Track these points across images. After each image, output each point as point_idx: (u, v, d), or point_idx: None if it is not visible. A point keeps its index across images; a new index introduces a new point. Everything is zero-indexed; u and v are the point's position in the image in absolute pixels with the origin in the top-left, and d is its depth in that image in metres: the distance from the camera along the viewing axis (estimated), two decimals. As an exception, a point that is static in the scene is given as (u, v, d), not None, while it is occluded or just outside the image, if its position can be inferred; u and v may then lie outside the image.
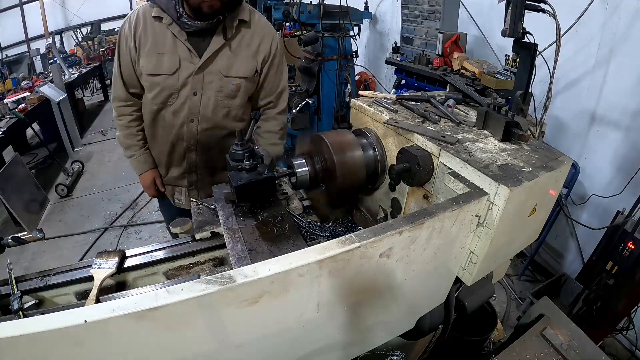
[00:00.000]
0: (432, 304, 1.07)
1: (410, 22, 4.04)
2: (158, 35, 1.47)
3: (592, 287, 2.26)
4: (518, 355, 1.12)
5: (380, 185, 1.28)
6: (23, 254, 3.42)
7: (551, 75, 1.11)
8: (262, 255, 0.97)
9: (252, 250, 0.99)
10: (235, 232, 1.06)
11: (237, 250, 0.99)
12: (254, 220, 1.11)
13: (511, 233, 0.98)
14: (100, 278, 1.09)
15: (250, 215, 1.13)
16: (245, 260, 0.95)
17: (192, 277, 1.10)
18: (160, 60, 1.48)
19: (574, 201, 2.74)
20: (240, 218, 1.12)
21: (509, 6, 1.06)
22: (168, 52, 1.48)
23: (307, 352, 0.84)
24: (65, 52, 8.31)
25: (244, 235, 1.05)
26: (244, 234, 1.05)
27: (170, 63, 1.48)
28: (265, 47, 1.59)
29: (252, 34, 1.57)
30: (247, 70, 1.58)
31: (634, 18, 2.22)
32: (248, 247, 0.99)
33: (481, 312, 1.88)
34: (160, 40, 1.47)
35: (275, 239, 1.04)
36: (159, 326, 0.59)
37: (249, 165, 1.09)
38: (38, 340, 0.53)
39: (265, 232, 1.07)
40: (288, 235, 1.06)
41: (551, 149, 1.06)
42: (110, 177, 4.99)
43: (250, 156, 1.10)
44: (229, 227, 1.08)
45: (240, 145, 1.11)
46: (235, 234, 1.05)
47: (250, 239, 1.03)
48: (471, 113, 1.30)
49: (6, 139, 4.00)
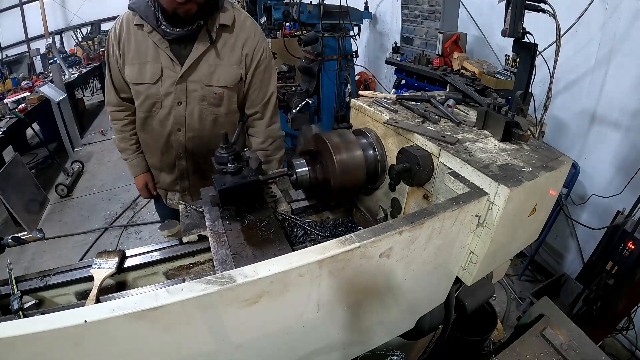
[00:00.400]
0: (432, 304, 1.07)
1: (410, 22, 4.04)
2: (140, 44, 1.45)
3: (592, 287, 2.26)
4: (518, 355, 1.12)
5: (380, 185, 1.28)
6: (23, 254, 3.42)
7: (551, 75, 1.11)
8: (246, 259, 0.96)
9: (236, 254, 0.98)
10: (220, 236, 1.05)
11: (221, 255, 0.98)
12: (240, 224, 1.11)
13: (511, 233, 0.98)
14: (100, 278, 1.09)
15: (237, 219, 1.12)
16: (229, 264, 0.94)
17: (177, 282, 1.10)
18: (143, 69, 1.46)
19: (574, 201, 2.74)
20: (227, 221, 1.11)
21: (509, 6, 1.06)
22: (150, 61, 1.45)
23: (307, 352, 0.84)
24: (65, 52, 8.31)
25: (229, 239, 1.04)
26: (229, 237, 1.05)
27: (152, 72, 1.46)
28: (249, 53, 1.52)
29: (235, 39, 1.49)
30: (230, 78, 1.52)
31: (634, 18, 2.22)
32: (232, 252, 0.99)
33: (481, 312, 1.88)
34: (142, 49, 1.45)
35: (260, 243, 1.04)
36: (159, 326, 0.59)
37: (233, 168, 1.08)
38: (38, 340, 0.53)
39: (251, 236, 1.06)
40: (273, 240, 1.05)
41: (551, 149, 1.06)
42: (110, 177, 5.00)
43: (234, 159, 1.09)
44: (215, 231, 1.07)
45: (225, 149, 1.10)
46: (220, 237, 1.05)
47: (235, 243, 1.03)
48: (471, 113, 1.30)
49: (6, 139, 4.00)
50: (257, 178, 1.12)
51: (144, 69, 1.46)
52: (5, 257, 1.32)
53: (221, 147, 1.10)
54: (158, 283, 1.18)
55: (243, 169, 1.12)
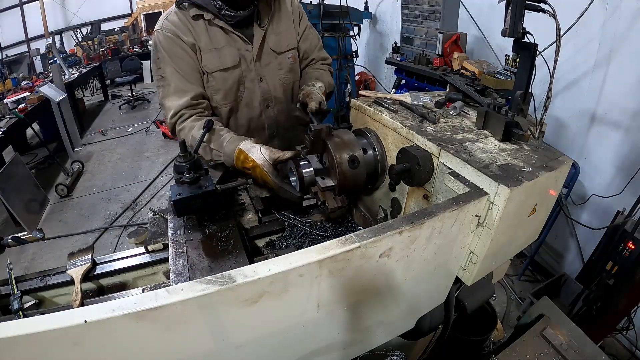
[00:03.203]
0: (432, 304, 1.07)
1: (410, 22, 4.04)
2: (207, 32, 1.42)
3: (592, 287, 2.26)
4: (518, 355, 1.12)
5: (380, 185, 1.28)
6: (23, 254, 3.43)
7: (551, 75, 1.11)
8: (201, 272, 0.96)
9: (191, 265, 0.97)
10: (180, 246, 1.05)
11: (177, 266, 0.97)
12: (201, 234, 1.10)
13: (511, 233, 0.98)
14: (79, 275, 1.12)
15: (199, 228, 1.12)
16: (184, 276, 0.94)
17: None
18: (221, 54, 1.44)
19: (574, 201, 2.74)
20: (188, 231, 1.10)
21: (509, 6, 1.06)
22: (225, 45, 1.44)
23: (307, 352, 0.84)
24: (65, 52, 8.33)
25: (189, 249, 1.03)
26: (188, 247, 1.04)
27: (231, 55, 1.45)
28: (295, 8, 1.60)
29: (282, 2, 1.56)
30: (293, 39, 1.59)
31: (634, 18, 2.22)
32: (189, 263, 0.98)
33: (481, 312, 1.88)
34: (212, 37, 1.43)
35: (217, 254, 1.03)
36: (159, 326, 0.59)
37: (189, 178, 1.06)
38: (38, 340, 0.53)
39: (210, 246, 1.05)
40: (231, 251, 1.04)
41: (551, 149, 1.06)
42: (110, 177, 5.00)
43: (191, 168, 1.07)
44: (175, 241, 1.07)
45: (183, 157, 1.08)
46: (180, 247, 1.04)
47: (194, 253, 1.02)
48: (471, 113, 1.30)
49: (6, 139, 4.00)
50: (215, 188, 1.09)
51: (222, 54, 1.44)
52: (5, 257, 1.32)
53: (179, 155, 1.08)
54: (158, 283, 1.18)
55: (201, 178, 1.09)
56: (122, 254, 1.27)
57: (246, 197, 1.40)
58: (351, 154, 1.13)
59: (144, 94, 8.43)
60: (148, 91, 8.74)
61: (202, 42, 1.41)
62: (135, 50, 9.22)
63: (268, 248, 1.27)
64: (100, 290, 1.23)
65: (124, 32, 9.71)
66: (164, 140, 6.04)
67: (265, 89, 1.55)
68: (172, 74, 1.39)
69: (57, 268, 1.23)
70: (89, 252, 1.23)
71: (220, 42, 1.43)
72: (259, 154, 1.21)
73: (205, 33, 1.41)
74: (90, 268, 1.18)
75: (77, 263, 1.18)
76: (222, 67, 1.44)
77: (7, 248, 1.30)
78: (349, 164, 1.12)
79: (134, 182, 4.82)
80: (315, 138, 1.16)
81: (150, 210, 1.26)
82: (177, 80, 1.39)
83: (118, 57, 8.55)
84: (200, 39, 1.41)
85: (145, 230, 1.31)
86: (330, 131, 1.17)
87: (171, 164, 5.06)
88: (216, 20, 1.41)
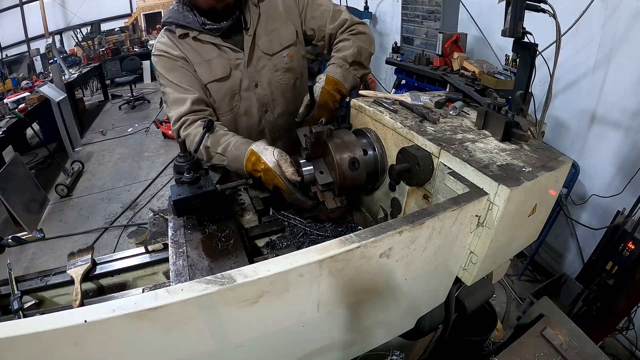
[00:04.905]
0: (432, 304, 1.07)
1: (410, 22, 4.04)
2: (195, 49, 1.43)
3: (592, 287, 2.26)
4: (518, 355, 1.12)
5: (380, 185, 1.28)
6: (23, 254, 3.43)
7: (551, 75, 1.11)
8: (201, 272, 0.96)
9: (192, 265, 0.97)
10: (180, 246, 1.05)
11: (177, 266, 0.97)
12: (201, 234, 1.10)
13: (511, 233, 0.98)
14: (79, 275, 1.12)
15: (199, 228, 1.12)
16: (184, 277, 0.94)
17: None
18: (210, 66, 1.44)
19: (574, 201, 2.74)
20: (188, 231, 1.10)
21: (509, 6, 1.06)
22: (215, 57, 1.44)
23: (307, 352, 0.84)
24: (65, 52, 8.34)
25: (189, 249, 1.03)
26: (188, 247, 1.04)
27: (221, 66, 1.45)
28: (289, 2, 1.51)
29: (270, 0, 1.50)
30: (289, 35, 1.52)
31: (634, 18, 2.22)
32: (189, 263, 0.98)
33: (481, 312, 1.88)
34: (201, 51, 1.44)
35: (218, 254, 1.02)
36: (159, 326, 0.59)
37: (189, 178, 1.06)
38: (38, 340, 0.53)
39: (210, 246, 1.05)
40: (231, 251, 1.04)
41: (551, 149, 1.06)
42: (110, 177, 5.00)
43: (191, 168, 1.07)
44: (175, 241, 1.07)
45: (183, 157, 1.08)
46: (180, 247, 1.04)
47: (194, 253, 1.02)
48: (471, 113, 1.30)
49: (6, 139, 4.01)
50: (215, 188, 1.09)
51: (212, 66, 1.44)
52: (5, 257, 1.32)
53: (179, 155, 1.08)
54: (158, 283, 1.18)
55: (201, 178, 1.09)
56: (122, 254, 1.27)
57: (246, 197, 1.40)
58: (351, 155, 1.13)
59: (144, 94, 8.43)
60: (148, 91, 8.75)
61: (192, 57, 1.43)
62: (135, 50, 9.22)
63: (268, 248, 1.27)
64: (100, 290, 1.23)
65: (124, 32, 9.72)
66: (164, 140, 6.04)
67: (262, 95, 1.53)
68: (169, 86, 1.43)
69: (57, 268, 1.23)
70: (89, 252, 1.23)
71: (211, 55, 1.44)
72: (271, 156, 1.20)
73: (194, 49, 1.43)
74: (90, 268, 1.18)
75: (77, 263, 1.18)
76: (214, 78, 1.45)
77: (7, 248, 1.30)
78: (349, 166, 1.12)
79: (134, 182, 4.83)
80: (315, 140, 1.16)
81: (150, 210, 1.24)
82: (174, 91, 1.42)
83: (118, 57, 8.55)
84: (189, 55, 1.42)
85: (145, 230, 1.31)
86: (331, 133, 1.17)
87: (171, 164, 5.07)
88: (202, 35, 1.41)
